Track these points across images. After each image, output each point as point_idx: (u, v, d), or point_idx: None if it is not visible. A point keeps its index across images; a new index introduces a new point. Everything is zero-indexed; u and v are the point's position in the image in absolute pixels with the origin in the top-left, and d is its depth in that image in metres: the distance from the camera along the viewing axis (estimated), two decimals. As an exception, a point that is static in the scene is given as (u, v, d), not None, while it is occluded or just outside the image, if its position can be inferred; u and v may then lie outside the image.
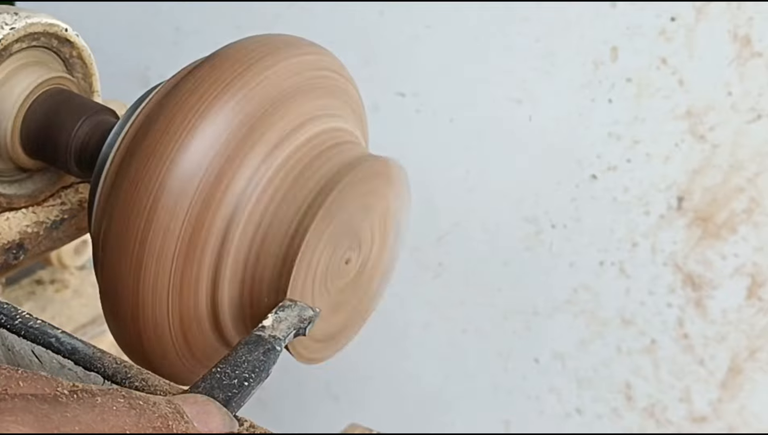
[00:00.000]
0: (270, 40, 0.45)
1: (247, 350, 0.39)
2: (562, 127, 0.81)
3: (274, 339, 0.40)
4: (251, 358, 0.38)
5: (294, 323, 0.41)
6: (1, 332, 0.40)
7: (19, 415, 0.28)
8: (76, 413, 0.29)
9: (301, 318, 0.42)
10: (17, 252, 0.50)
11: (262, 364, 0.38)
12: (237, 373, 0.37)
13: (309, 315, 0.42)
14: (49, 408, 0.28)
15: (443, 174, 0.88)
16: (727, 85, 0.74)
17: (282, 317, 0.42)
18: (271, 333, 0.40)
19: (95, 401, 0.29)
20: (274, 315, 0.41)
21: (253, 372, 0.37)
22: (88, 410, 0.29)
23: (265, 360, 0.38)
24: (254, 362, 0.38)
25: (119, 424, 0.29)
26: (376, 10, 0.84)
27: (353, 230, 0.46)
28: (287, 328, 0.41)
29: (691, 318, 0.83)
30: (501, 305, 0.91)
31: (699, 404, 0.86)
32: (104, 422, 0.29)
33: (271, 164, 0.43)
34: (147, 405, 0.30)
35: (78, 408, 0.29)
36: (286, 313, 0.42)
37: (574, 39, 0.77)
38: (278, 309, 0.42)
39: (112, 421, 0.29)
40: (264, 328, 0.40)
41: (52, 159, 0.49)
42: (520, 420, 0.96)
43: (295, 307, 0.42)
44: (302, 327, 0.42)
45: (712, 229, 0.79)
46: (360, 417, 0.69)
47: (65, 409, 0.29)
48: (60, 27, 0.49)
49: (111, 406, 0.30)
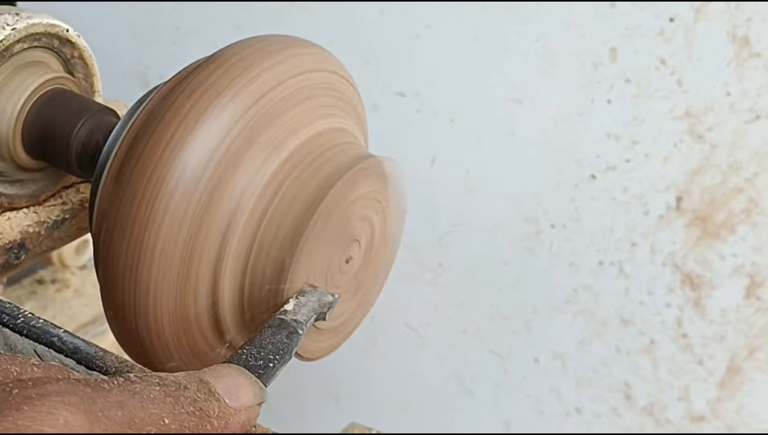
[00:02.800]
0: (270, 40, 0.45)
1: (270, 333, 0.40)
2: (561, 128, 0.81)
3: (296, 323, 0.41)
4: (275, 340, 0.40)
5: (314, 308, 0.43)
6: (3, 331, 0.40)
7: (65, 396, 0.28)
8: (119, 399, 0.29)
9: (321, 303, 0.43)
10: (18, 252, 0.50)
11: (286, 347, 0.39)
12: (262, 355, 0.38)
13: (329, 300, 0.43)
14: (92, 392, 0.29)
15: (443, 174, 0.88)
16: (726, 86, 0.74)
17: (303, 302, 0.43)
18: (293, 317, 0.41)
19: (135, 388, 0.30)
20: (295, 300, 0.43)
21: (278, 354, 0.39)
22: (129, 397, 0.30)
23: (288, 343, 0.40)
24: (278, 344, 0.39)
25: (157, 412, 0.30)
26: (376, 10, 0.84)
27: (353, 229, 0.46)
28: (308, 312, 0.42)
29: (690, 318, 0.83)
30: (501, 305, 0.91)
31: (698, 404, 0.86)
32: (144, 410, 0.30)
33: (271, 164, 0.43)
34: (180, 391, 0.31)
35: (120, 394, 0.30)
36: (306, 298, 0.43)
37: (574, 39, 0.77)
38: (299, 294, 0.43)
39: (151, 409, 0.30)
40: (286, 312, 0.42)
41: (53, 159, 0.49)
42: (520, 420, 0.96)
43: (315, 292, 0.43)
44: (323, 312, 0.43)
45: (711, 229, 0.79)
46: (360, 417, 0.69)
47: (108, 394, 0.29)
48: (61, 27, 0.50)
49: (149, 393, 0.30)
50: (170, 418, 0.30)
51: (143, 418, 0.30)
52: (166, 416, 0.30)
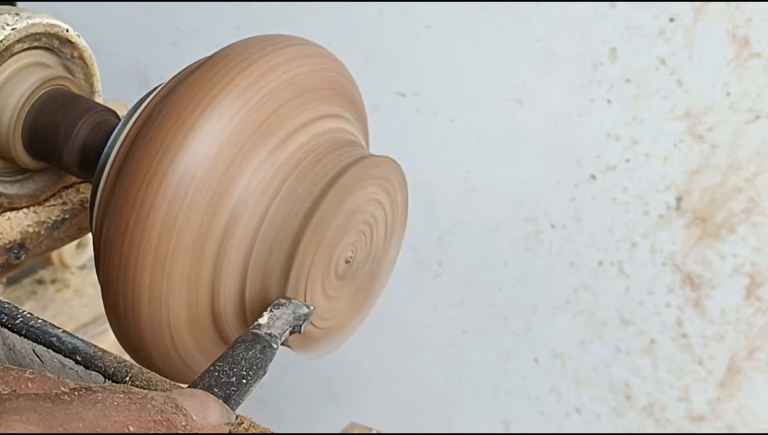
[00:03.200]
0: (270, 40, 0.45)
1: (244, 348, 0.39)
2: (561, 127, 0.81)
3: (270, 337, 0.40)
4: (249, 355, 0.38)
5: (289, 320, 0.42)
6: (2, 332, 0.40)
7: (24, 414, 0.28)
8: (79, 410, 0.29)
9: (296, 315, 0.42)
10: (18, 252, 0.50)
11: (260, 362, 0.38)
12: (235, 371, 0.37)
13: (304, 312, 0.42)
14: (52, 406, 0.29)
15: (443, 174, 0.88)
16: (726, 86, 0.74)
17: (277, 315, 0.42)
18: (267, 331, 0.40)
19: (96, 398, 0.30)
20: (269, 313, 0.42)
21: (251, 369, 0.38)
22: (90, 407, 0.29)
23: (262, 357, 0.39)
24: (252, 360, 0.38)
25: (121, 420, 0.30)
26: (376, 10, 0.84)
27: (353, 228, 0.46)
28: (283, 325, 0.41)
29: (689, 318, 0.83)
30: (501, 305, 0.91)
31: (698, 404, 0.86)
32: (107, 418, 0.29)
33: (272, 164, 0.43)
34: (146, 400, 0.31)
35: (80, 405, 0.29)
36: (281, 311, 0.42)
37: (574, 39, 0.77)
38: (273, 307, 0.42)
39: (114, 417, 0.30)
40: (260, 326, 0.41)
41: (53, 159, 0.49)
42: (520, 420, 0.96)
43: (290, 304, 0.43)
44: (298, 324, 0.42)
45: (711, 229, 0.79)
46: (360, 417, 0.69)
47: (68, 407, 0.29)
48: (61, 27, 0.50)
49: (112, 401, 0.30)
50: (135, 425, 0.30)
51: (106, 426, 0.29)
52: (131, 423, 0.30)
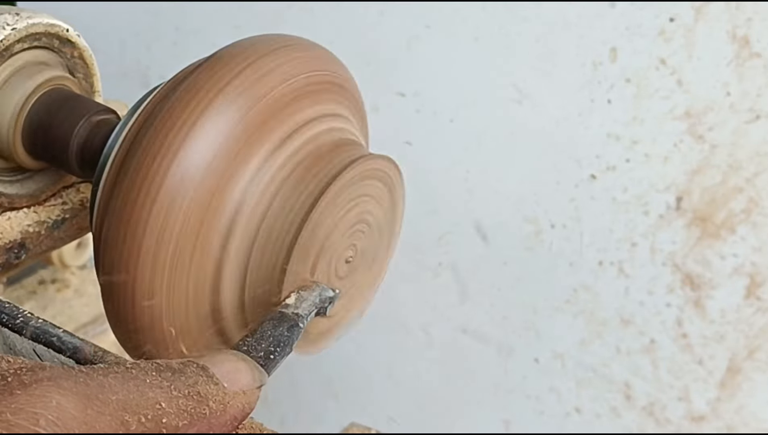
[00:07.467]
0: (270, 40, 0.45)
1: (271, 326, 0.40)
2: (561, 127, 0.81)
3: (297, 316, 0.41)
4: (276, 333, 0.39)
5: (315, 302, 0.43)
6: (2, 331, 0.40)
7: (58, 380, 0.28)
8: (113, 383, 0.29)
9: (321, 298, 0.43)
10: (19, 251, 0.50)
11: (287, 339, 0.39)
12: (263, 346, 0.38)
13: (329, 295, 0.44)
14: (86, 377, 0.29)
15: (443, 174, 0.88)
16: (726, 86, 0.74)
17: (304, 296, 0.43)
18: (294, 310, 0.42)
19: (130, 374, 0.30)
20: (296, 294, 0.43)
21: (278, 346, 0.39)
22: (124, 382, 0.30)
23: (289, 335, 0.40)
24: (279, 337, 0.39)
25: (153, 396, 0.30)
26: (376, 10, 0.84)
27: (352, 229, 0.46)
28: (309, 307, 0.42)
29: (690, 318, 0.83)
30: (501, 305, 0.91)
31: (698, 403, 0.86)
32: (140, 394, 0.30)
33: (272, 164, 0.43)
34: (176, 375, 0.31)
35: (114, 379, 0.30)
36: (308, 293, 0.43)
37: (574, 39, 0.77)
38: (300, 289, 0.43)
39: (147, 393, 0.30)
40: (287, 306, 0.42)
41: (53, 159, 0.49)
42: (520, 420, 0.96)
43: (317, 287, 0.44)
44: (323, 307, 0.43)
45: (711, 229, 0.79)
46: (360, 417, 0.69)
47: (103, 379, 0.29)
48: (61, 27, 0.50)
49: (144, 378, 0.30)
50: (167, 401, 0.30)
51: (139, 402, 0.30)
52: (163, 400, 0.30)
